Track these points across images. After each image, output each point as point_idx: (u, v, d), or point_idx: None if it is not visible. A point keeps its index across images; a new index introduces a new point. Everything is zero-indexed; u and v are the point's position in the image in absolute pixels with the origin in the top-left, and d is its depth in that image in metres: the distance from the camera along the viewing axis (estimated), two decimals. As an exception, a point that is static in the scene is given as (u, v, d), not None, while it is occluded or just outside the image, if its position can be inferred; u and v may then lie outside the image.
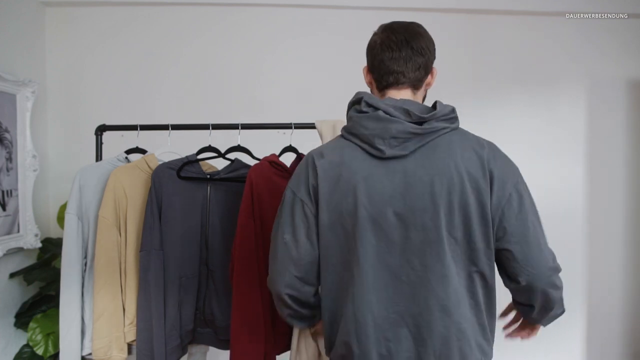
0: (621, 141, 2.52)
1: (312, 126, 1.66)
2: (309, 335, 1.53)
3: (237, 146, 1.72)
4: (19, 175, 2.10)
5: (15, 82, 2.04)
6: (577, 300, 2.52)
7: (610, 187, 2.52)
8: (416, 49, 1.10)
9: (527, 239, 1.04)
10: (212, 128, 1.71)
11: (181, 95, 2.39)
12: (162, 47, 2.39)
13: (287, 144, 1.70)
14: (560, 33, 2.48)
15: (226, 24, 2.41)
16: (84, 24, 2.38)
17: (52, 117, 2.36)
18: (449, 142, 1.05)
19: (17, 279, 2.10)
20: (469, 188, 1.02)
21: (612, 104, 2.51)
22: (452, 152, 1.04)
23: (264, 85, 2.41)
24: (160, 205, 1.57)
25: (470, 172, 1.03)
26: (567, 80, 2.50)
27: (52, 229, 2.33)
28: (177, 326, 1.60)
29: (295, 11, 2.41)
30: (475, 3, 2.42)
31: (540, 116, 2.49)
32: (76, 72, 2.37)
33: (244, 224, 1.48)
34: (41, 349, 1.90)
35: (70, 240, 1.58)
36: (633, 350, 2.55)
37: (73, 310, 1.58)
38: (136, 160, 1.68)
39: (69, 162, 2.32)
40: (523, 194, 1.07)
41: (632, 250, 2.53)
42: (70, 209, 1.59)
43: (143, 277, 1.55)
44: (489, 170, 1.03)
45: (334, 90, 2.42)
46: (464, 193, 1.02)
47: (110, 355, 1.57)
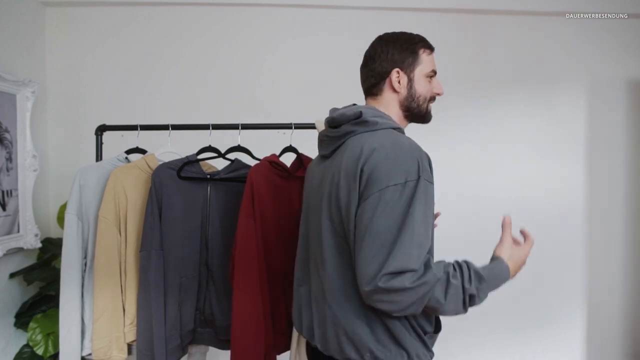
0: (621, 141, 2.52)
1: (312, 126, 1.66)
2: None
3: (237, 146, 1.72)
4: (19, 175, 2.10)
5: (15, 82, 2.04)
6: (577, 300, 2.52)
7: (610, 187, 2.52)
8: (367, 58, 1.22)
9: (363, 238, 0.98)
10: (212, 128, 1.71)
11: (181, 95, 2.39)
12: (162, 47, 2.39)
13: (287, 144, 1.70)
14: (560, 33, 2.48)
15: (226, 24, 2.41)
16: (84, 24, 2.38)
17: (52, 117, 2.36)
18: (354, 144, 1.09)
19: (17, 279, 2.10)
20: (341, 184, 1.07)
21: (612, 104, 2.51)
22: (348, 153, 1.09)
23: (264, 85, 2.41)
24: (161, 205, 1.57)
25: (347, 171, 1.06)
26: (567, 80, 2.50)
27: (52, 229, 2.33)
28: (177, 326, 1.60)
29: (295, 11, 2.41)
30: (475, 3, 2.42)
31: (540, 116, 2.49)
32: (76, 72, 2.37)
33: (244, 223, 1.49)
34: (41, 349, 1.90)
35: (70, 240, 1.58)
36: (633, 350, 2.55)
37: (73, 310, 1.58)
38: (136, 160, 1.68)
39: (69, 162, 2.32)
40: (388, 199, 0.98)
41: (632, 250, 2.53)
42: (70, 209, 1.59)
43: (143, 277, 1.55)
44: (361, 170, 1.03)
45: (334, 90, 2.42)
46: (337, 188, 1.08)
47: (110, 356, 1.57)
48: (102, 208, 1.58)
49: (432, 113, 1.24)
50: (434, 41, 1.25)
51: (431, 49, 1.22)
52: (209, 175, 1.66)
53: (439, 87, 1.23)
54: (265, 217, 1.53)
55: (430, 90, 1.21)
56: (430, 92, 1.21)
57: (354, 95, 2.42)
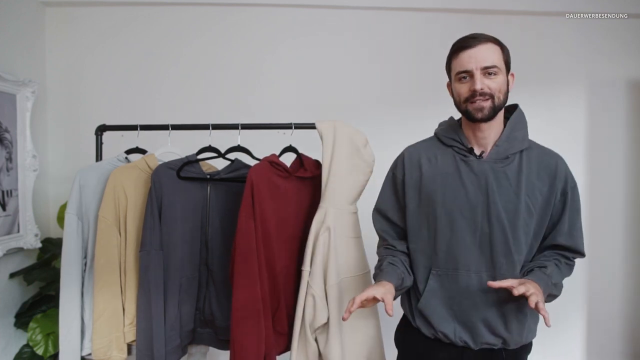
0: (621, 141, 2.52)
1: (312, 126, 1.66)
2: (310, 336, 1.53)
3: (237, 146, 1.72)
4: (19, 175, 2.10)
5: (15, 82, 2.04)
6: (577, 300, 2.52)
7: (610, 187, 2.52)
8: None
9: None
10: (212, 128, 1.71)
11: (181, 95, 2.39)
12: (162, 47, 2.39)
13: (287, 144, 1.71)
14: (560, 33, 2.48)
15: (226, 24, 2.41)
16: (84, 24, 2.38)
17: (52, 117, 2.36)
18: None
19: (17, 279, 2.10)
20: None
21: (612, 104, 2.51)
22: None
23: (264, 85, 2.41)
24: (160, 205, 1.57)
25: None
26: (567, 80, 2.50)
27: (52, 229, 2.33)
28: (177, 326, 1.60)
29: (295, 11, 2.41)
30: (475, 3, 2.42)
31: (540, 116, 2.48)
32: (76, 72, 2.37)
33: (244, 224, 1.48)
34: (41, 349, 1.90)
35: (70, 240, 1.58)
36: (633, 350, 2.54)
37: (73, 310, 1.58)
38: (136, 161, 1.68)
39: (69, 162, 2.32)
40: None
41: (632, 251, 2.53)
42: (70, 209, 1.59)
43: (143, 277, 1.55)
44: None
45: (334, 90, 2.43)
46: None
47: (110, 356, 1.57)
48: (102, 208, 1.58)
49: (479, 110, 1.20)
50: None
51: (458, 50, 1.22)
52: (208, 175, 1.66)
53: (465, 89, 1.22)
54: (266, 217, 1.53)
55: (458, 92, 1.24)
56: (460, 94, 1.24)
57: (354, 95, 2.43)
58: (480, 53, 1.18)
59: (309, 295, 1.54)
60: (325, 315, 1.53)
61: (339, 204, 1.58)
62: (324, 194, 1.58)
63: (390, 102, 2.43)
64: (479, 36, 1.21)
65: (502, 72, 1.21)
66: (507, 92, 1.24)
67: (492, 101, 1.19)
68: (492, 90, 1.19)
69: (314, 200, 1.67)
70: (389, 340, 1.51)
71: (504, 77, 1.21)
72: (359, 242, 1.63)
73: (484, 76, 1.19)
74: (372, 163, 1.64)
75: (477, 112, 1.20)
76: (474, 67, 1.18)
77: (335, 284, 1.53)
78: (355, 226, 1.62)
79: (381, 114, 2.42)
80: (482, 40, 1.19)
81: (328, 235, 1.54)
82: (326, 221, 1.55)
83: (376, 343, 1.60)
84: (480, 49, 1.18)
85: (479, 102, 1.19)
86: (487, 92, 1.19)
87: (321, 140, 1.61)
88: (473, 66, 1.18)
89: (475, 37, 1.21)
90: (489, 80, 1.19)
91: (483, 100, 1.19)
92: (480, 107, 1.19)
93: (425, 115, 1.36)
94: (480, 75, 1.18)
